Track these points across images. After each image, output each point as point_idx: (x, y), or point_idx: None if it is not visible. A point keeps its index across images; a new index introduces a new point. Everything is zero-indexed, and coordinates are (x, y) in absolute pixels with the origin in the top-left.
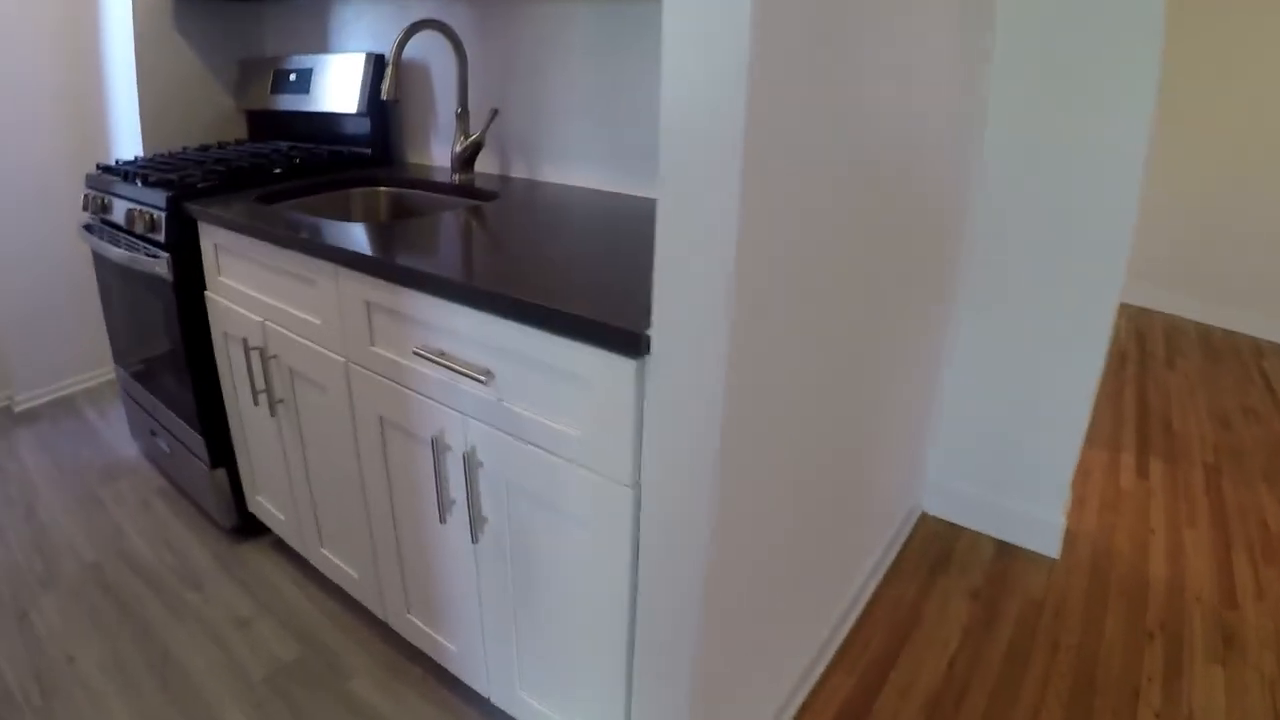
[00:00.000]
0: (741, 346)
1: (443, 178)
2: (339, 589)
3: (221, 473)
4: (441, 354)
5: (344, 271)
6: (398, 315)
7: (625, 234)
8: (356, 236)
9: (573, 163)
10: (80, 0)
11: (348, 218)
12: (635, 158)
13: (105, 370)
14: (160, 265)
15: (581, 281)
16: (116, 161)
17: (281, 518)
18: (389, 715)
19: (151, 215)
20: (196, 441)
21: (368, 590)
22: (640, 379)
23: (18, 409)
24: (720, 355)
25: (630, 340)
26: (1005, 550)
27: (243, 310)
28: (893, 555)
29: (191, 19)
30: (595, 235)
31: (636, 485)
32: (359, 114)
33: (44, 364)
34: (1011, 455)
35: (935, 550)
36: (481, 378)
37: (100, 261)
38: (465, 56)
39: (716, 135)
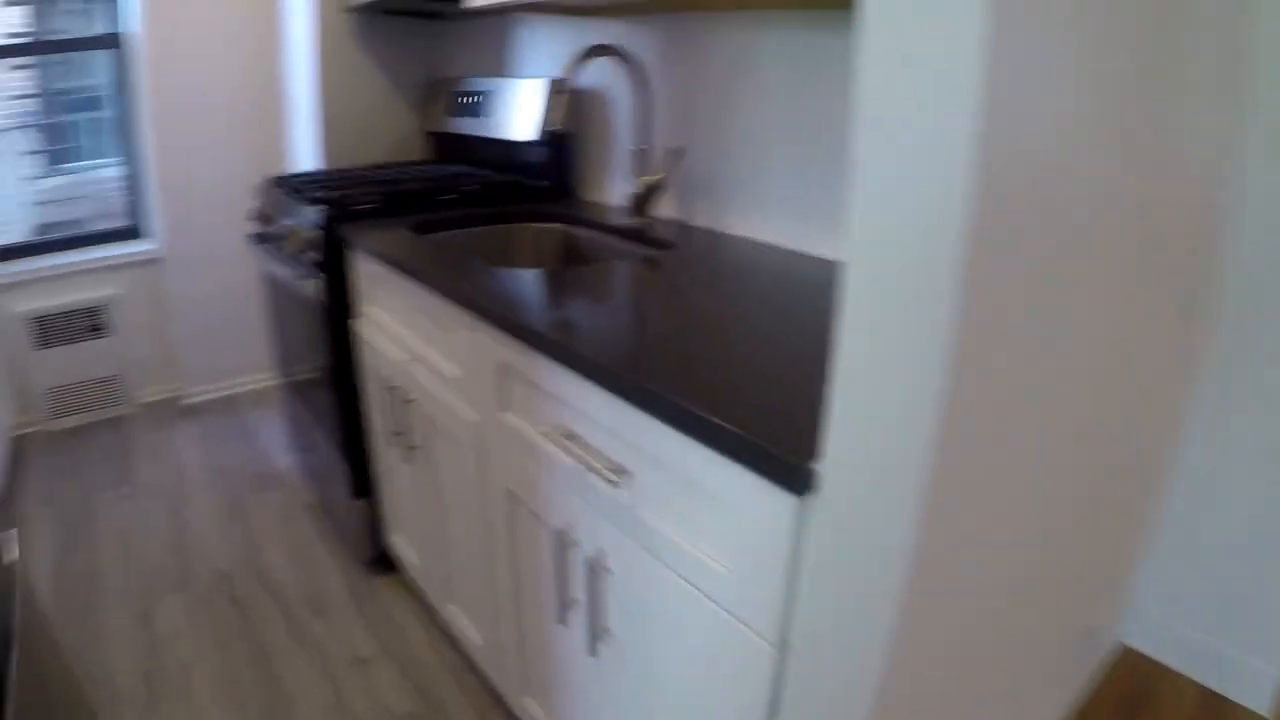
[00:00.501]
0: (939, 502)
1: (620, 218)
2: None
3: (363, 504)
4: (574, 437)
5: (479, 324)
6: (530, 384)
7: (813, 310)
8: (496, 284)
9: (759, 214)
10: (268, 14)
11: (509, 256)
12: (830, 215)
13: (272, 375)
14: (311, 287)
15: (748, 374)
16: (287, 175)
17: (415, 562)
18: None
19: (306, 234)
20: (341, 469)
21: (489, 659)
22: (800, 520)
23: (184, 402)
24: (910, 511)
25: (791, 473)
26: (1212, 701)
27: (386, 345)
28: (1082, 696)
29: (376, 35)
30: (776, 309)
31: (782, 645)
32: (536, 143)
33: (213, 362)
34: (1240, 590)
35: (1132, 691)
36: (614, 478)
37: (264, 272)
38: (646, 87)
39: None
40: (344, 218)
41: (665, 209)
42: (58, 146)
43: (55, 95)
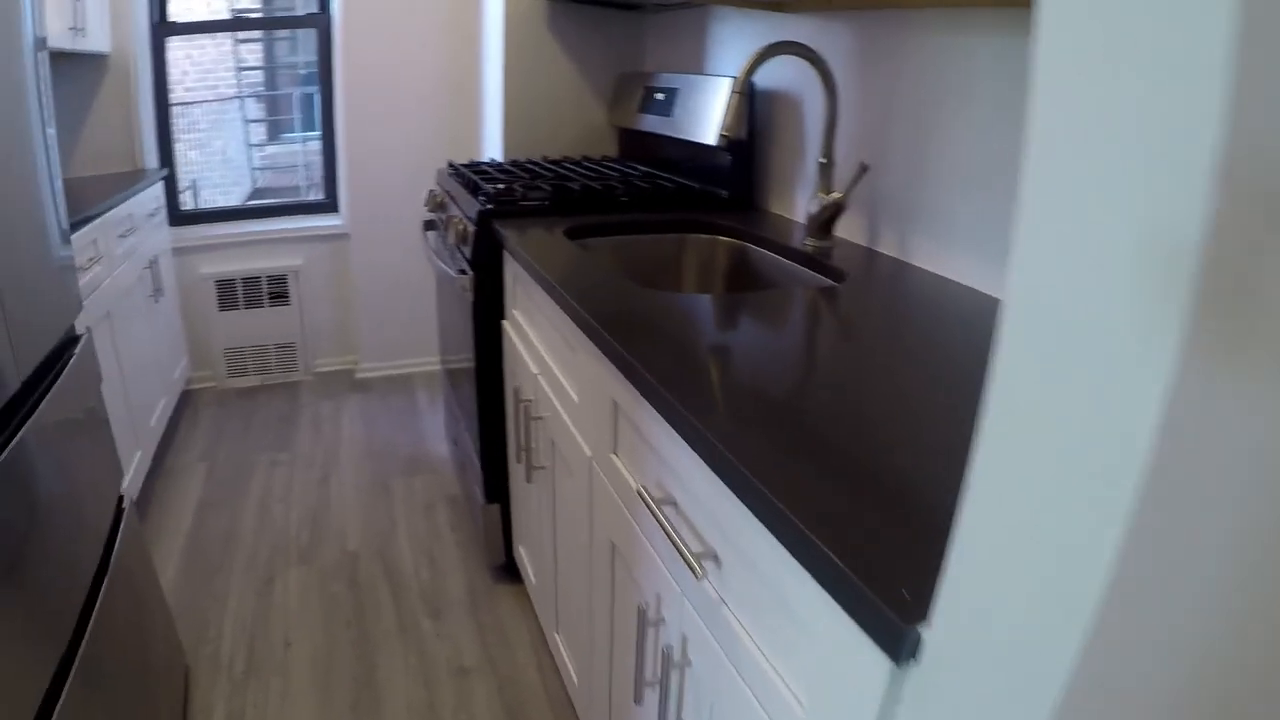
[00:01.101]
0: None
1: (798, 238)
2: None
3: (496, 509)
4: (671, 503)
5: (596, 350)
6: (636, 430)
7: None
8: (627, 306)
9: (953, 248)
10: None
11: (675, 267)
12: None
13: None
14: (463, 282)
15: (882, 472)
16: (464, 162)
17: (533, 580)
18: None
19: (465, 227)
20: (478, 470)
21: (582, 702)
22: (892, 690)
23: (357, 376)
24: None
25: (888, 631)
26: None
27: (524, 355)
28: None
29: (568, 23)
30: (950, 376)
31: None
32: (719, 147)
33: (388, 340)
34: None
35: None
36: (700, 570)
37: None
38: (835, 93)
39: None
40: (503, 214)
41: (848, 230)
42: (279, 117)
43: (281, 69)
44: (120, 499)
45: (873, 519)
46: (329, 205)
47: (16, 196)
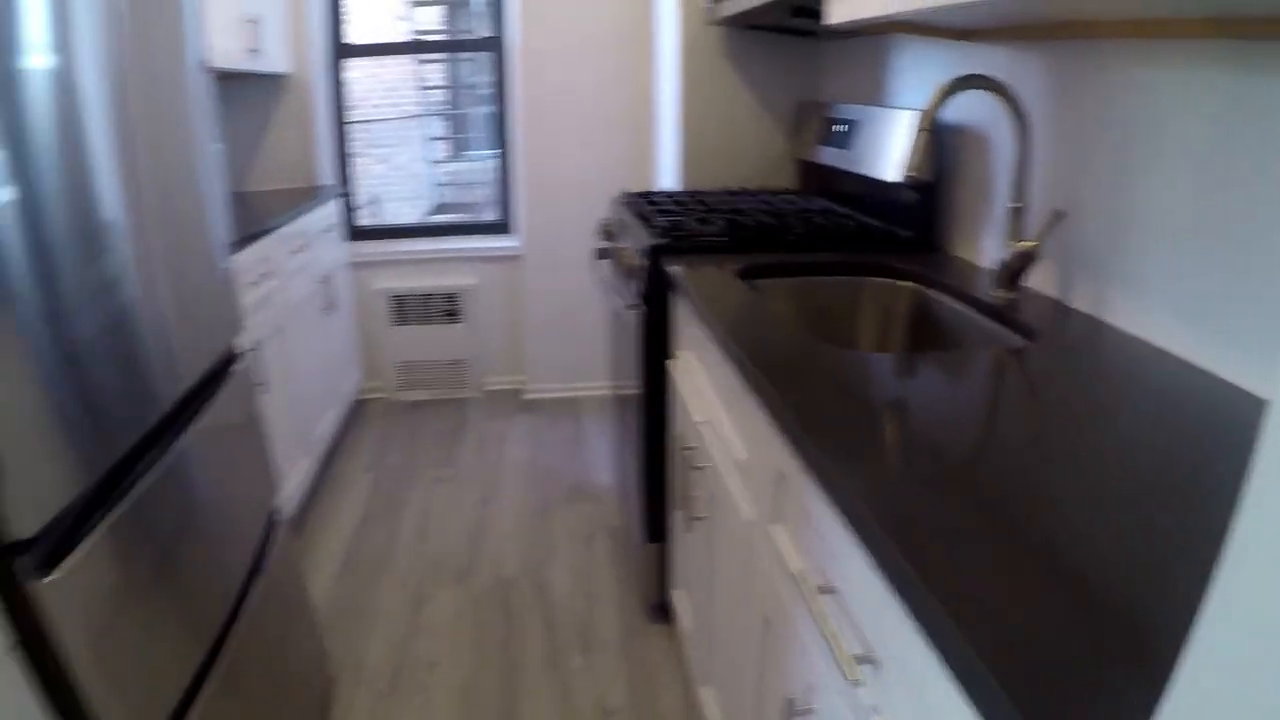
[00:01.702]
0: None
1: (985, 287)
2: None
3: (655, 549)
4: (831, 591)
5: (763, 410)
6: (802, 506)
7: (1210, 473)
8: (797, 360)
9: (1158, 308)
10: (643, 24)
11: (851, 312)
12: (1266, 332)
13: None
14: (631, 317)
15: (1068, 585)
16: (639, 191)
17: (688, 626)
18: None
19: (635, 260)
20: (640, 507)
21: None
22: None
23: (525, 396)
24: None
25: None
26: None
27: (691, 398)
28: None
29: (746, 51)
30: (1153, 463)
31: None
32: (902, 185)
33: (558, 363)
34: None
35: None
36: (856, 676)
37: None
38: (1027, 130)
39: None
40: (674, 249)
41: (1039, 281)
42: (462, 135)
43: (464, 88)
44: (273, 512)
45: (1067, 648)
46: (504, 226)
47: (182, 214)
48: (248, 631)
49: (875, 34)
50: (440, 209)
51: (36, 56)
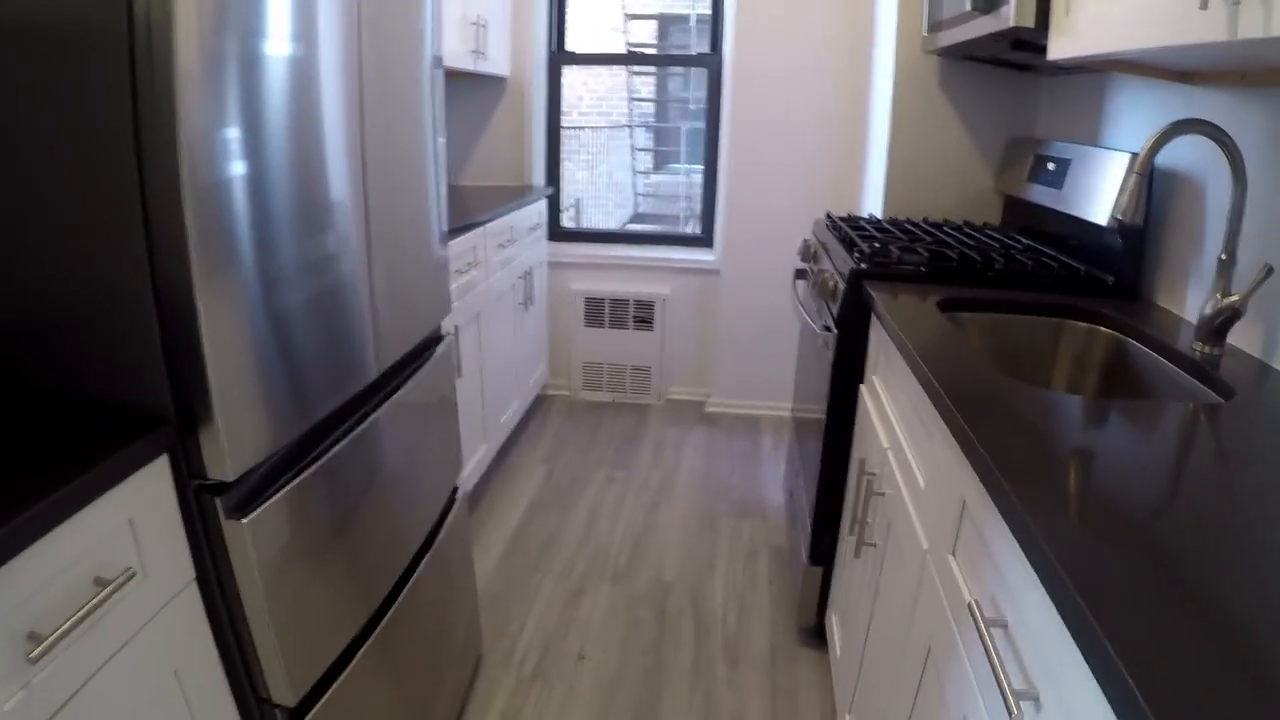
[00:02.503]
0: None
1: (1186, 339)
2: None
3: (817, 571)
4: (1001, 624)
5: (952, 440)
6: (981, 537)
7: None
8: (987, 394)
9: None
10: (859, 50)
11: (1043, 353)
12: None
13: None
14: (825, 339)
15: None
16: (841, 215)
17: (839, 653)
18: None
19: (835, 283)
20: (808, 529)
21: None
22: None
23: (707, 409)
24: None
25: None
26: None
27: (877, 425)
28: None
29: (959, 82)
30: None
31: None
32: (1108, 228)
33: (743, 380)
34: None
35: None
36: (1016, 709)
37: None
38: (1244, 181)
39: None
40: (875, 275)
41: (1242, 338)
42: (666, 148)
43: (672, 102)
44: (455, 489)
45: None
46: (704, 240)
47: (405, 200)
48: (412, 598)
49: (1094, 71)
50: (637, 219)
51: (279, 43)
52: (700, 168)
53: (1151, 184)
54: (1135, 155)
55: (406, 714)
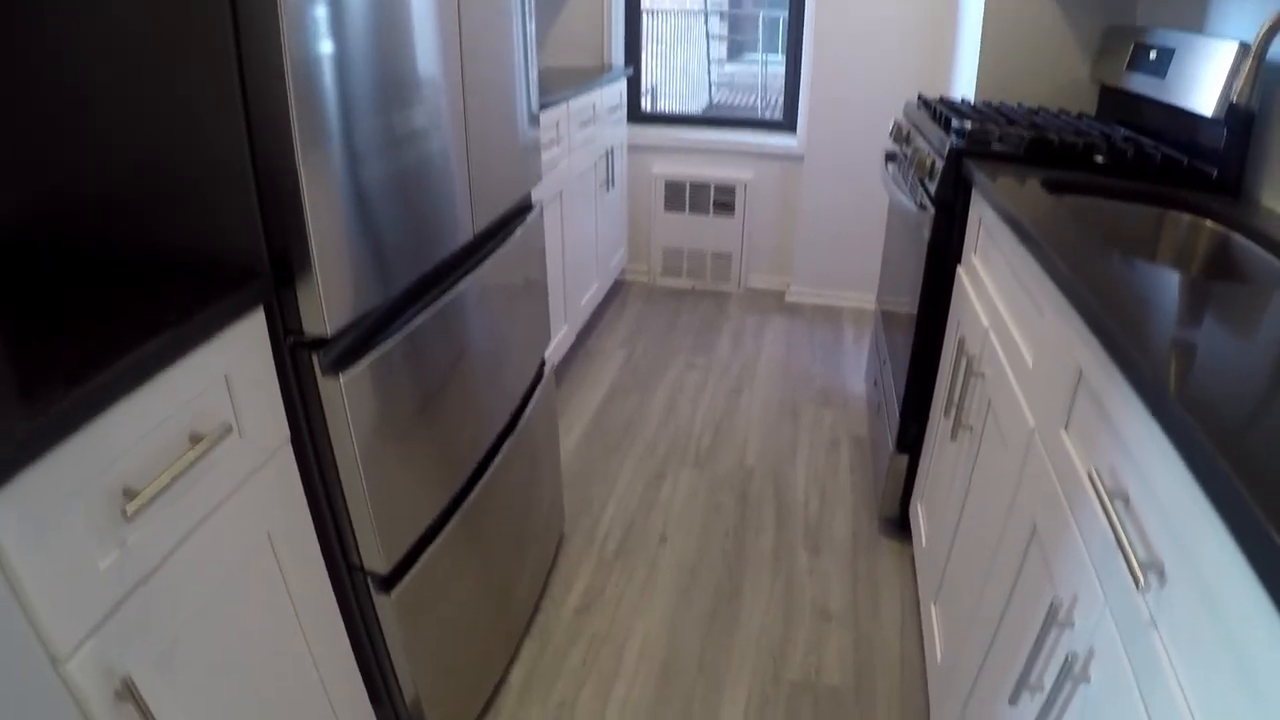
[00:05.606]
0: None
1: None
2: None
3: (903, 460)
4: (1122, 497)
5: (1068, 310)
6: (1100, 407)
7: None
8: (1109, 270)
9: None
10: None
11: (1145, 243)
12: None
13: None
14: (922, 219)
15: None
16: (934, 98)
17: (924, 543)
18: None
19: (933, 161)
20: (894, 417)
21: (939, 682)
22: None
23: (788, 298)
24: None
25: None
26: None
27: (977, 305)
28: None
29: None
30: None
31: None
32: (1214, 120)
33: (826, 269)
34: None
35: None
36: (1140, 576)
37: (889, 193)
38: None
39: None
40: (975, 154)
41: None
42: (741, 36)
43: None
44: (543, 363)
45: None
46: (787, 125)
47: (497, 77)
48: (500, 472)
49: None
50: (711, 110)
51: None
52: (778, 57)
53: (1263, 78)
54: (1245, 44)
55: (492, 589)
